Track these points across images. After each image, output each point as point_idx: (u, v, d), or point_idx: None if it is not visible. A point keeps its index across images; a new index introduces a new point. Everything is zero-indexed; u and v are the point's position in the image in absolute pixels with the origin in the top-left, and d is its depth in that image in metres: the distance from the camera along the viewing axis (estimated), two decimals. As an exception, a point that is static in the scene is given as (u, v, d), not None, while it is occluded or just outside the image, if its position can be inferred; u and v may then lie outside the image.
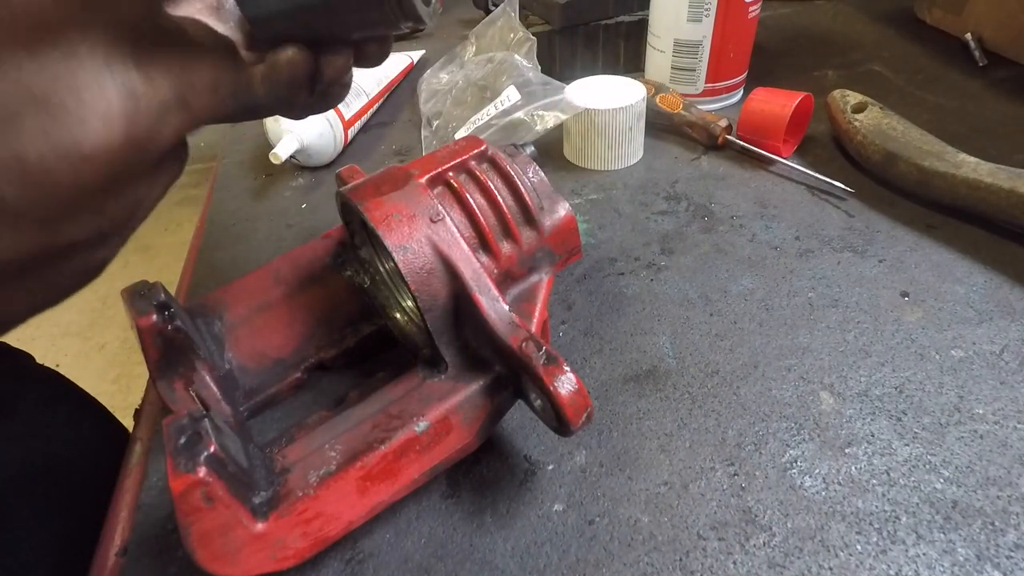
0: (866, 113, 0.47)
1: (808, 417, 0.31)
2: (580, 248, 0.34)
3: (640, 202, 0.47)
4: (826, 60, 0.65)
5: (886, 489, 0.28)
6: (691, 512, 0.27)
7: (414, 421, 0.26)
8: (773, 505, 0.27)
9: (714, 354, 0.34)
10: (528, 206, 0.31)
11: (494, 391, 0.28)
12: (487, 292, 0.27)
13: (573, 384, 0.24)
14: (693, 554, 0.26)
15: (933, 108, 0.55)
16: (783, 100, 0.48)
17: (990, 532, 0.26)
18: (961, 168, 0.40)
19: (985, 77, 0.59)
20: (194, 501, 0.21)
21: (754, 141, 0.50)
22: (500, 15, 0.57)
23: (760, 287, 0.39)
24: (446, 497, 0.29)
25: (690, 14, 0.52)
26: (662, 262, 0.41)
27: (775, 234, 0.43)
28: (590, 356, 0.35)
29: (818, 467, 0.29)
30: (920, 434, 0.30)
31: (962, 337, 0.34)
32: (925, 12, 0.69)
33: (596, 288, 0.40)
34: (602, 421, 0.31)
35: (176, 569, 0.27)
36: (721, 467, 0.29)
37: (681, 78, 0.56)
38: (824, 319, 0.36)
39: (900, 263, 0.39)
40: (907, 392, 0.32)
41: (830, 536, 0.26)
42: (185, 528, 0.21)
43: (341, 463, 0.25)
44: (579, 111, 0.47)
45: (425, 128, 0.56)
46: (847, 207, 0.45)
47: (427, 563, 0.27)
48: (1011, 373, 0.32)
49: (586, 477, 0.29)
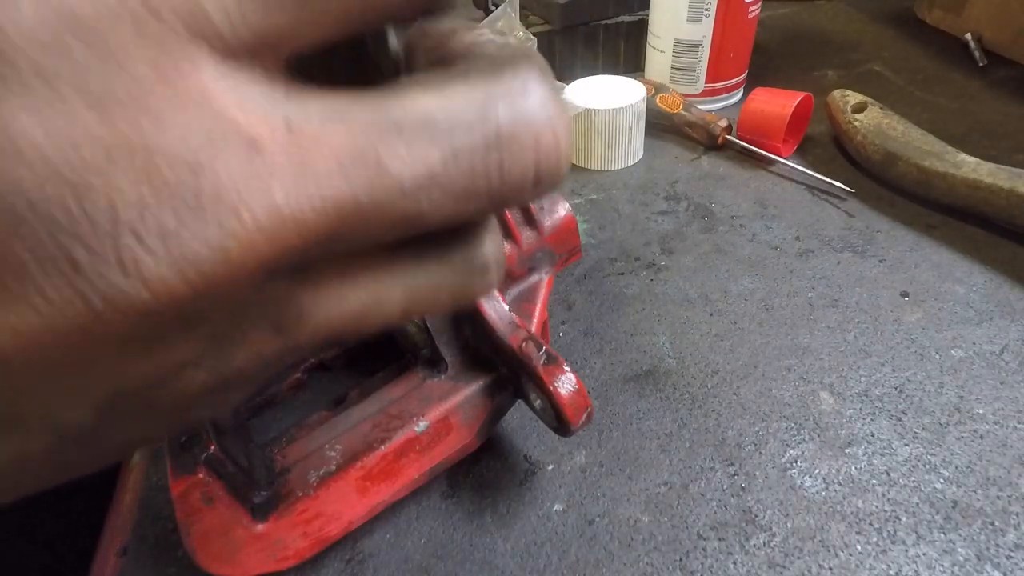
0: (866, 113, 0.47)
1: (808, 417, 0.31)
2: (580, 248, 0.34)
3: (640, 202, 0.47)
4: (826, 60, 0.65)
5: (886, 489, 0.28)
6: (691, 512, 0.27)
7: (414, 421, 0.26)
8: (773, 505, 0.27)
9: (714, 354, 0.34)
10: (528, 206, 0.31)
11: (494, 391, 0.28)
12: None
13: (573, 384, 0.24)
14: (693, 554, 0.26)
15: (933, 108, 0.55)
16: (783, 100, 0.48)
17: (990, 532, 0.26)
18: (961, 168, 0.40)
19: (985, 77, 0.59)
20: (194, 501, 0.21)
21: (754, 141, 0.50)
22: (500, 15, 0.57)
23: (760, 287, 0.39)
24: (446, 497, 0.29)
25: (690, 14, 0.52)
26: (662, 262, 0.41)
27: (775, 234, 0.43)
28: (590, 356, 0.35)
29: (818, 467, 0.29)
30: (920, 434, 0.30)
31: (962, 337, 0.34)
32: (925, 12, 0.69)
33: (596, 288, 0.40)
34: (602, 421, 0.31)
35: (176, 569, 0.27)
36: (721, 467, 0.29)
37: (681, 78, 0.56)
38: (824, 319, 0.36)
39: (900, 263, 0.39)
40: (907, 392, 0.32)
41: (830, 536, 0.26)
42: (185, 528, 0.21)
43: (341, 463, 0.25)
44: (579, 111, 0.47)
45: (425, 128, 0.56)
46: (847, 207, 0.45)
47: (427, 563, 0.27)
48: (1011, 373, 0.32)
49: (586, 477, 0.29)
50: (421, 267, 0.13)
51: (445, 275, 0.13)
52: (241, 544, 0.22)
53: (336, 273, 0.12)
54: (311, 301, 0.12)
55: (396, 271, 0.12)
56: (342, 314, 0.12)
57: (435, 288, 0.13)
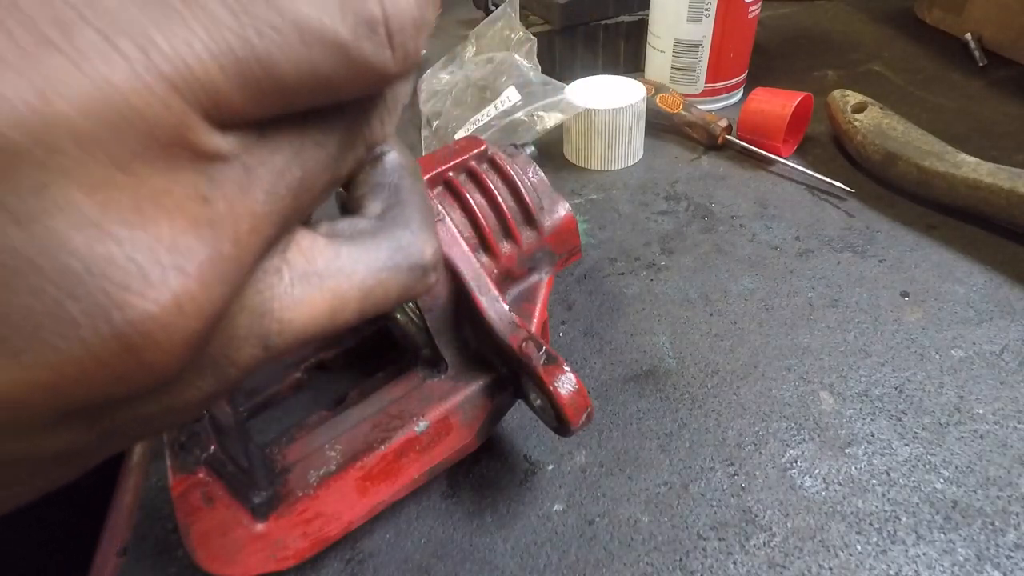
0: (866, 113, 0.47)
1: (808, 417, 0.31)
2: (580, 248, 0.34)
3: (640, 202, 0.47)
4: (826, 60, 0.65)
5: (886, 489, 0.28)
6: (691, 512, 0.27)
7: (414, 421, 0.26)
8: (773, 505, 0.27)
9: (714, 354, 0.34)
10: (528, 206, 0.31)
11: (494, 391, 0.28)
12: (487, 292, 0.27)
13: (573, 384, 0.24)
14: (693, 554, 0.26)
15: (933, 108, 0.55)
16: (783, 100, 0.48)
17: (990, 532, 0.26)
18: (961, 168, 0.40)
19: (985, 77, 0.59)
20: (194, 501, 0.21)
21: (754, 141, 0.50)
22: (500, 15, 0.57)
23: (760, 287, 0.39)
24: (446, 497, 0.29)
25: (690, 14, 0.52)
26: (662, 262, 0.41)
27: (775, 234, 0.43)
28: (590, 356, 0.35)
29: (818, 467, 0.29)
30: (920, 434, 0.30)
31: (962, 337, 0.34)
32: (925, 12, 0.69)
33: (596, 288, 0.40)
34: (602, 421, 0.31)
35: (176, 569, 0.27)
36: (721, 467, 0.29)
37: (681, 78, 0.56)
38: (824, 319, 0.36)
39: (900, 263, 0.39)
40: (907, 392, 0.32)
41: (830, 536, 0.26)
42: (185, 528, 0.21)
43: (341, 463, 0.25)
44: (579, 111, 0.47)
45: (425, 128, 0.56)
46: (847, 207, 0.45)
47: (427, 563, 0.27)
48: (1011, 373, 0.32)
49: (586, 477, 0.29)
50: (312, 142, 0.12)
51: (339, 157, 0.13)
52: (241, 544, 0.22)
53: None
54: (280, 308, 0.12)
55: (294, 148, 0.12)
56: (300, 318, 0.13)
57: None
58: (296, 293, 0.13)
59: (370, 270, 0.14)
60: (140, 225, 0.09)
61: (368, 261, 0.14)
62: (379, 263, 0.14)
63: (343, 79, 0.11)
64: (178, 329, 0.10)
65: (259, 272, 0.12)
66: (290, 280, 0.13)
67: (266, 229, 0.11)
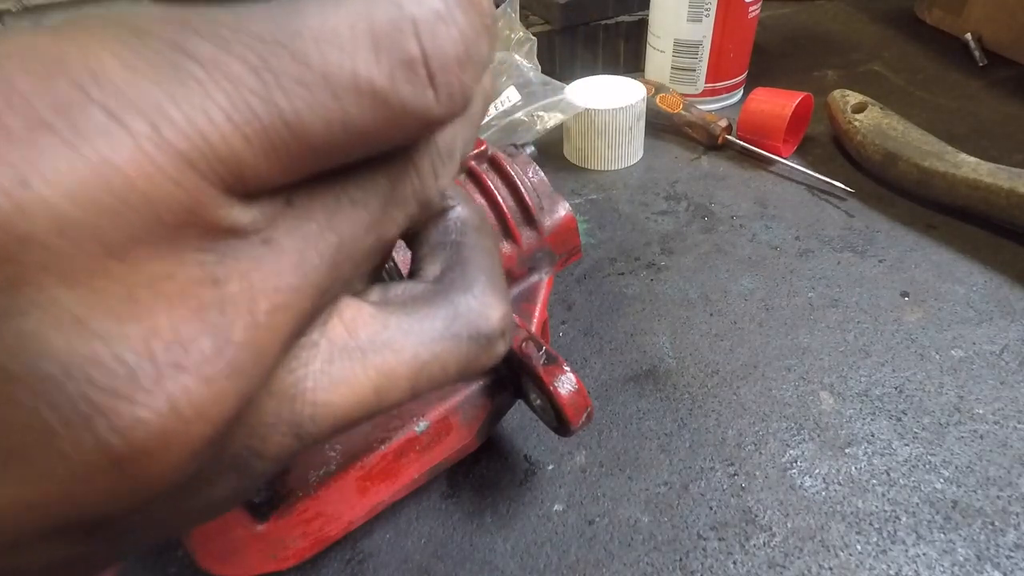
0: (866, 113, 0.47)
1: (808, 417, 0.31)
2: (580, 248, 0.34)
3: (640, 202, 0.47)
4: (826, 60, 0.65)
5: (886, 489, 0.28)
6: (691, 512, 0.27)
7: (414, 421, 0.26)
8: (773, 505, 0.27)
9: (714, 354, 0.34)
10: (528, 206, 0.31)
11: (494, 391, 0.28)
12: (487, 292, 0.27)
13: (573, 384, 0.24)
14: (693, 554, 0.26)
15: (933, 108, 0.55)
16: (783, 100, 0.48)
17: (990, 532, 0.26)
18: (961, 168, 0.40)
19: (985, 77, 0.59)
20: (194, 501, 0.21)
21: (754, 141, 0.50)
22: (500, 15, 0.57)
23: (760, 287, 0.39)
24: (446, 497, 0.29)
25: (690, 14, 0.52)
26: (662, 262, 0.41)
27: (775, 234, 0.43)
28: (590, 356, 0.35)
29: (818, 467, 0.29)
30: (920, 434, 0.30)
31: (962, 337, 0.34)
32: (925, 12, 0.69)
33: (596, 288, 0.40)
34: (602, 421, 0.31)
35: (176, 569, 0.27)
36: (721, 467, 0.29)
37: (681, 78, 0.56)
38: (824, 319, 0.36)
39: (900, 263, 0.39)
40: (907, 392, 0.32)
41: (830, 536, 0.26)
42: (185, 528, 0.21)
43: (341, 463, 0.25)
44: (579, 111, 0.47)
45: (425, 128, 0.56)
46: (847, 207, 0.45)
47: (427, 563, 0.27)
48: (1011, 373, 0.32)
49: (586, 477, 0.29)
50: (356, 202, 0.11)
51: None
52: (241, 544, 0.22)
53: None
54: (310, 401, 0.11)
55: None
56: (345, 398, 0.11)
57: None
58: (335, 372, 0.11)
59: (423, 342, 0.12)
60: (131, 317, 0.08)
61: (421, 332, 0.12)
62: (434, 333, 0.12)
63: (381, 129, 0.10)
64: (178, 435, 0.09)
65: (292, 349, 0.11)
66: (328, 357, 0.11)
67: (297, 304, 0.10)
